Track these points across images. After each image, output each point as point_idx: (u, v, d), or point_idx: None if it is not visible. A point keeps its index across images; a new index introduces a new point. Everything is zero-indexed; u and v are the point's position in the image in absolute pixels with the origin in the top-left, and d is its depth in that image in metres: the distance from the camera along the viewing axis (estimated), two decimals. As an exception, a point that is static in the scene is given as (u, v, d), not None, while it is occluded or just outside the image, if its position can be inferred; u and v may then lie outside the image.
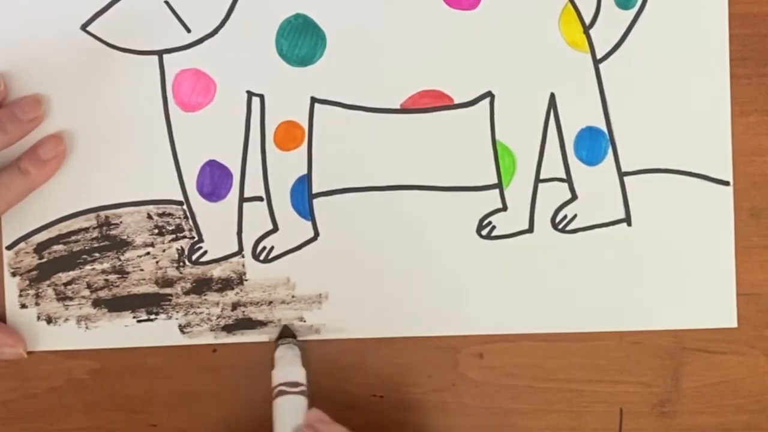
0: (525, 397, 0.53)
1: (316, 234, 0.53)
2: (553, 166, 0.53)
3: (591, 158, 0.53)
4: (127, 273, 0.53)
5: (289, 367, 0.50)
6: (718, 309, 0.53)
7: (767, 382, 0.54)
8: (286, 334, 0.52)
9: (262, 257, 0.53)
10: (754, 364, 0.54)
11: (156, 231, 0.53)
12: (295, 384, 0.49)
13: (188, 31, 0.52)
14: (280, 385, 0.49)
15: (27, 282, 0.52)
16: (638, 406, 0.53)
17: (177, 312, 0.53)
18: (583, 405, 0.53)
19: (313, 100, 0.52)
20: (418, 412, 0.53)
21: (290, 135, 0.52)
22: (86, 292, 0.53)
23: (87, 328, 0.53)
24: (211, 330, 0.53)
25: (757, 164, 0.53)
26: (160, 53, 0.52)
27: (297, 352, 0.51)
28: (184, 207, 0.52)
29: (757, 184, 0.53)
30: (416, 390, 0.53)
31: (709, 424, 0.53)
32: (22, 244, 0.52)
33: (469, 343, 0.53)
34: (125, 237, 0.53)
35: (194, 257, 0.53)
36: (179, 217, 0.53)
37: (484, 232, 0.53)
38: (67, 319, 0.52)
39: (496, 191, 0.53)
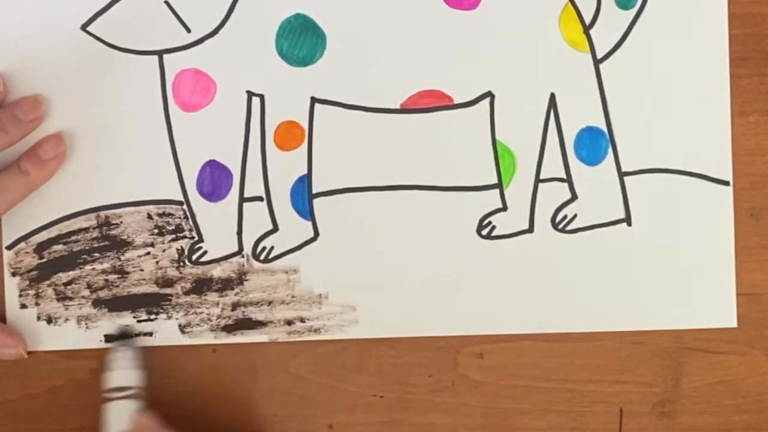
0: (525, 397, 0.53)
1: (316, 234, 0.53)
2: (553, 166, 0.53)
3: (591, 158, 0.53)
4: (127, 273, 0.53)
5: (118, 372, 0.50)
6: (718, 309, 0.53)
7: (767, 382, 0.54)
8: (120, 336, 0.52)
9: (262, 257, 0.53)
10: (754, 364, 0.54)
11: (156, 231, 0.53)
12: (123, 388, 0.50)
13: (188, 31, 0.52)
14: (108, 390, 0.50)
15: (27, 282, 0.52)
16: (638, 406, 0.53)
17: (177, 312, 0.53)
18: (583, 405, 0.53)
19: (313, 100, 0.52)
20: (418, 412, 0.53)
21: (290, 135, 0.52)
22: (86, 292, 0.53)
23: (87, 328, 0.53)
24: (211, 330, 0.53)
25: (757, 164, 0.53)
26: (160, 53, 0.52)
27: (130, 355, 0.51)
28: (184, 207, 0.52)
29: (757, 184, 0.53)
30: (416, 390, 0.53)
31: (709, 424, 0.53)
32: (22, 244, 0.52)
33: (469, 343, 0.53)
34: (125, 237, 0.53)
35: (194, 257, 0.53)
36: (179, 217, 0.53)
37: (484, 232, 0.53)
38: (67, 319, 0.53)
39: (496, 191, 0.53)
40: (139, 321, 0.53)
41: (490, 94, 0.53)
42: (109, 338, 0.52)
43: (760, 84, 0.53)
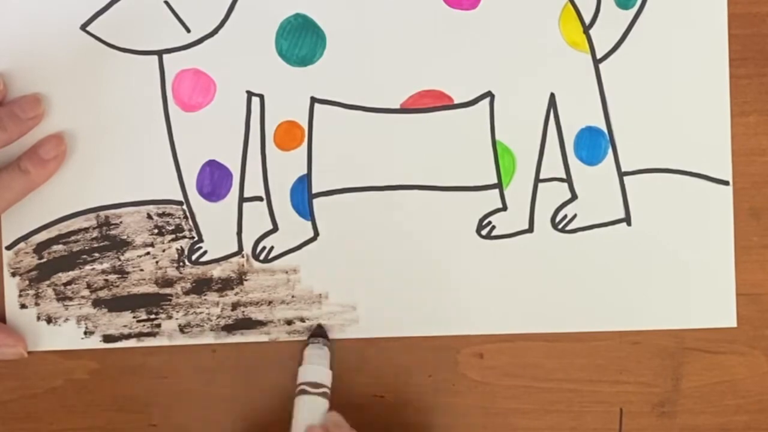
0: (525, 397, 0.53)
1: (316, 234, 0.53)
2: (553, 166, 0.53)
3: (591, 158, 0.53)
4: (127, 273, 0.53)
5: (314, 367, 0.50)
6: (717, 309, 0.53)
7: (767, 382, 0.54)
8: (318, 333, 0.52)
9: (262, 257, 0.53)
10: (754, 364, 0.54)
11: (156, 231, 0.53)
12: (317, 384, 0.50)
13: (188, 31, 0.52)
14: (303, 384, 0.50)
15: (27, 282, 0.52)
16: (638, 406, 0.53)
17: (177, 312, 0.53)
18: (583, 405, 0.53)
19: (313, 100, 0.52)
20: (418, 412, 0.53)
21: (290, 135, 0.53)
22: (86, 292, 0.53)
23: (87, 328, 0.52)
24: (211, 330, 0.53)
25: (757, 164, 0.53)
26: (160, 53, 0.52)
27: (325, 353, 0.51)
28: (184, 207, 0.52)
29: (757, 184, 0.53)
30: (416, 390, 0.53)
31: (709, 424, 0.53)
32: (22, 244, 0.52)
33: (469, 343, 0.53)
34: (125, 237, 0.53)
35: (194, 257, 0.53)
36: (179, 217, 0.53)
37: (484, 232, 0.53)
38: (67, 319, 0.52)
39: (496, 191, 0.53)
40: (139, 321, 0.53)
41: (489, 94, 0.53)
42: (311, 334, 0.52)
43: (760, 84, 0.53)
